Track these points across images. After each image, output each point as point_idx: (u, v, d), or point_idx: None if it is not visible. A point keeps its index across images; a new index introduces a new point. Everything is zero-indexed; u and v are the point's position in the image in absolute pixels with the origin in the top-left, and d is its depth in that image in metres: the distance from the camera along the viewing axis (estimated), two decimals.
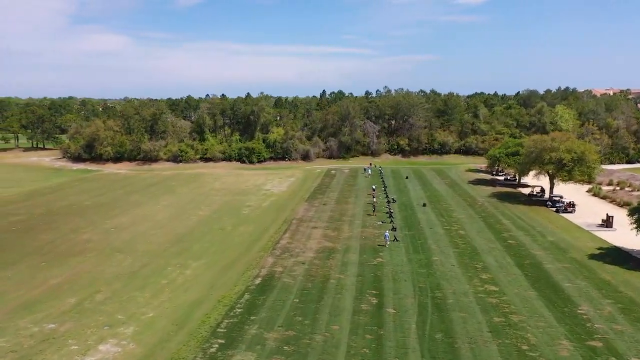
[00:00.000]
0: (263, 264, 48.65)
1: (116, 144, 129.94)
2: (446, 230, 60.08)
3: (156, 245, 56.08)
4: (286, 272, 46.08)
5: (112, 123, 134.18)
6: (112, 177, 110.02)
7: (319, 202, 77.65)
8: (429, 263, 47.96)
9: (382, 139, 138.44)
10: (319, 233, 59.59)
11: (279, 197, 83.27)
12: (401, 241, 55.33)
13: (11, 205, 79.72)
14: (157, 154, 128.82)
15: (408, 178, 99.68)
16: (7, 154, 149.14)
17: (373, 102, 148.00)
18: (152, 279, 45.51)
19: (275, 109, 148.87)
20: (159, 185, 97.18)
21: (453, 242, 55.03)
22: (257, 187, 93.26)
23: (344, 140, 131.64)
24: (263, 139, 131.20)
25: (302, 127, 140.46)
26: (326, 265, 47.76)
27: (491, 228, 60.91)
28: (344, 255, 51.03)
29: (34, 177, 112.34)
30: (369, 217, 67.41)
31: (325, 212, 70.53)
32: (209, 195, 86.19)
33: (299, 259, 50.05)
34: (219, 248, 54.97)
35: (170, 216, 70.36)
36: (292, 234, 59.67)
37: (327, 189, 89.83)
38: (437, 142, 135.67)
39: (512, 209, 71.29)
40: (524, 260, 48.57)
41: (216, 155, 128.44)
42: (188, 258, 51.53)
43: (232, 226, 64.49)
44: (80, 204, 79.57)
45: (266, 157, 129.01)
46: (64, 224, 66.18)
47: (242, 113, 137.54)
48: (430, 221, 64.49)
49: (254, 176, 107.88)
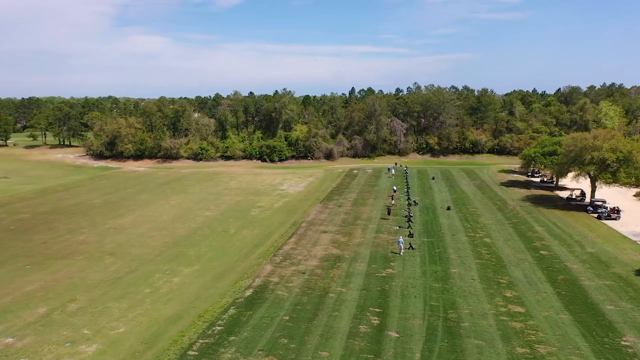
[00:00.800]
0: (259, 273, 43.75)
1: (137, 142, 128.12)
2: (470, 237, 53.71)
3: (150, 249, 52.07)
4: (282, 283, 41.02)
5: (133, 120, 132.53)
6: (129, 175, 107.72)
7: (334, 204, 72.32)
8: (445, 276, 41.95)
9: (410, 137, 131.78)
10: (327, 238, 54.30)
11: (293, 198, 78.38)
12: (417, 249, 49.43)
13: (20, 202, 77.80)
14: (177, 151, 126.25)
15: (434, 179, 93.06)
16: (34, 151, 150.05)
17: (401, 99, 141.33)
18: (134, 287, 41.30)
19: (299, 106, 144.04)
20: (173, 184, 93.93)
21: (476, 251, 48.71)
22: (273, 187, 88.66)
23: (369, 138, 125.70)
24: (285, 137, 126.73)
25: (326, 124, 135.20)
26: (328, 276, 42.45)
27: (521, 236, 54.14)
28: (350, 264, 45.57)
29: (53, 174, 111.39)
30: (385, 221, 61.62)
31: (338, 215, 65.15)
32: (221, 195, 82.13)
33: (300, 267, 44.91)
34: (216, 254, 50.44)
35: (175, 217, 66.50)
36: (299, 238, 54.61)
37: (345, 189, 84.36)
38: (469, 141, 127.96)
39: (547, 215, 64.03)
40: (558, 276, 41.89)
41: (236, 154, 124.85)
42: (180, 264, 47.20)
43: (237, 229, 59.97)
44: (88, 203, 76.88)
45: (288, 155, 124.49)
46: (64, 224, 63.20)
47: (265, 110, 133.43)
48: (453, 227, 58.19)
49: (272, 175, 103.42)
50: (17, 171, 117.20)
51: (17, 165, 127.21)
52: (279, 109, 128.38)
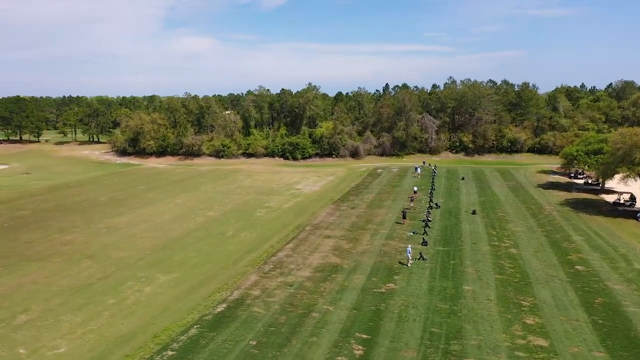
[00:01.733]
0: (240, 284, 38.36)
1: (159, 138, 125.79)
2: (493, 247, 46.50)
3: (135, 252, 47.64)
4: (262, 297, 35.45)
5: (156, 116, 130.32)
6: (146, 172, 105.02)
7: (347, 205, 66.20)
8: (456, 294, 35.26)
9: (442, 135, 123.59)
10: (329, 244, 48.36)
11: (306, 198, 72.75)
12: (428, 260, 42.78)
13: (28, 198, 75.72)
14: (198, 148, 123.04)
15: (464, 179, 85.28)
16: (63, 147, 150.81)
17: (434, 94, 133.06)
18: (99, 297, 36.72)
19: (325, 102, 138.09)
20: (186, 182, 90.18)
21: (498, 264, 41.58)
22: (288, 186, 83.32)
23: (397, 135, 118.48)
24: (309, 133, 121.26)
25: (353, 121, 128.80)
26: (318, 290, 36.57)
27: (555, 246, 46.47)
28: (347, 276, 39.51)
29: (74, 170, 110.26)
30: (399, 225, 55.07)
31: (349, 218, 59.04)
32: (231, 193, 77.47)
33: (289, 278, 39.22)
34: (203, 259, 45.42)
35: (175, 217, 62.17)
36: (298, 244, 48.93)
37: (364, 189, 78.00)
38: (507, 139, 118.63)
39: (589, 222, 55.75)
40: (595, 298, 34.43)
41: (258, 151, 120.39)
42: (160, 270, 42.43)
43: (235, 231, 54.90)
44: (93, 200, 73.86)
45: (311, 153, 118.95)
46: (59, 222, 59.97)
47: (290, 106, 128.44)
48: (475, 234, 51.02)
49: (291, 174, 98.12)
50: (41, 167, 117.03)
51: (44, 161, 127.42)
52: (303, 105, 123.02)
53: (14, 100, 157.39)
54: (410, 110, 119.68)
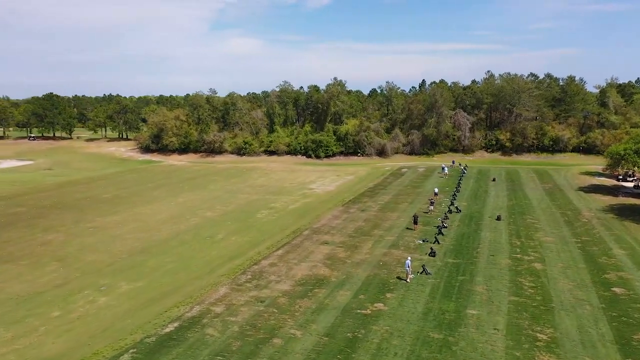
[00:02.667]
0: (205, 298, 33.10)
1: (181, 135, 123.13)
2: (514, 260, 39.32)
3: (109, 256, 43.36)
4: (223, 316, 30.04)
5: (179, 112, 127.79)
6: (162, 169, 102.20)
7: (358, 208, 60.05)
8: (456, 321, 28.70)
9: (477, 132, 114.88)
10: (324, 252, 42.48)
11: (317, 199, 67.06)
12: (433, 274, 36.22)
13: (34, 194, 73.70)
14: (220, 145, 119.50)
15: (495, 180, 77.22)
16: (92, 144, 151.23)
17: (469, 89, 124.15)
18: (45, 308, 32.38)
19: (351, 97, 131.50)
20: (198, 180, 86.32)
21: (516, 282, 34.55)
22: (302, 186, 77.86)
23: (427, 133, 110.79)
24: (334, 131, 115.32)
25: (381, 118, 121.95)
26: (291, 309, 30.82)
27: (590, 262, 38.81)
28: (331, 292, 33.56)
29: (94, 167, 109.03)
30: (409, 232, 48.52)
31: (355, 222, 52.93)
32: (239, 192, 72.77)
33: (263, 293, 33.67)
34: (178, 266, 40.54)
35: (170, 217, 57.91)
36: (288, 250, 43.33)
37: (381, 191, 71.51)
38: (549, 137, 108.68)
39: (635, 232, 47.39)
40: (634, 333, 27.06)
41: (280, 149, 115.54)
42: (126, 278, 37.82)
43: (227, 234, 49.88)
44: (95, 197, 70.88)
45: (335, 151, 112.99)
46: (48, 220, 56.84)
47: (314, 102, 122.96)
48: (495, 244, 43.86)
49: (309, 172, 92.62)
50: (65, 163, 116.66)
51: (69, 157, 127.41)
52: (327, 101, 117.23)
53: (47, 97, 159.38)
54: (442, 106, 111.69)
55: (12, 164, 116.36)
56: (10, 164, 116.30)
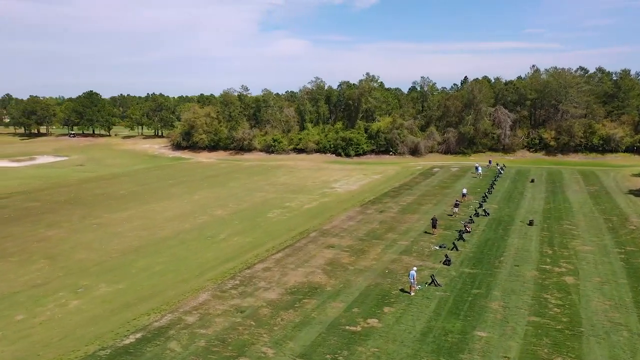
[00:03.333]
0: (181, 305, 29.87)
1: (211, 132, 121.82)
2: (542, 272, 34.03)
3: (101, 254, 41.06)
4: (193, 328, 26.66)
5: (209, 109, 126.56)
6: (186, 166, 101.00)
7: (376, 209, 55.65)
8: (458, 345, 24.11)
9: (519, 131, 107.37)
10: (326, 257, 38.53)
11: (336, 198, 63.10)
12: (443, 286, 31.60)
13: (52, 189, 73.58)
14: (249, 143, 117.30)
15: (534, 181, 70.71)
16: (128, 141, 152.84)
17: (511, 84, 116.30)
18: (11, 310, 30.16)
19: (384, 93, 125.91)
20: (219, 177, 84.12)
21: (540, 299, 29.42)
22: (324, 185, 74.04)
23: (464, 131, 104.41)
24: (365, 128, 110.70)
25: (416, 115, 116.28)
26: (270, 322, 27.09)
27: (634, 277, 33.01)
28: (322, 303, 29.60)
29: (123, 163, 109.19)
30: (427, 236, 43.80)
31: (370, 224, 48.62)
32: (258, 191, 69.78)
33: (246, 301, 30.11)
34: (167, 267, 37.64)
35: (179, 215, 55.48)
36: (289, 254, 39.65)
37: (407, 191, 66.68)
38: (598, 136, 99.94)
39: None
40: None
41: (310, 147, 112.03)
42: (109, 279, 35.22)
43: (230, 234, 46.75)
44: (111, 193, 69.71)
45: (366, 149, 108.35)
46: (55, 216, 55.68)
47: (346, 98, 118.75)
48: (522, 253, 38.54)
49: (335, 171, 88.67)
50: (97, 160, 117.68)
51: (104, 154, 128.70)
52: (358, 97, 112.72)
53: (87, 95, 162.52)
54: (480, 102, 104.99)
55: (48, 160, 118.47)
56: (46, 160, 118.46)
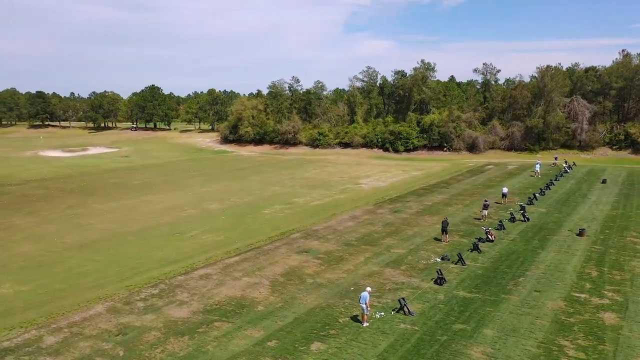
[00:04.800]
0: (59, 319, 23.32)
1: (257, 124, 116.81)
2: (572, 304, 23.58)
3: (42, 247, 36.01)
4: (39, 354, 19.84)
5: (256, 102, 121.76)
6: (222, 159, 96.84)
7: (391, 208, 46.38)
8: None
9: (600, 125, 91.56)
10: (289, 264, 30.42)
11: (353, 195, 54.57)
12: (415, 316, 22.40)
13: (72, 177, 71.84)
14: (294, 136, 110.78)
15: (605, 182, 57.39)
16: (183, 135, 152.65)
17: (592, 70, 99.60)
18: None
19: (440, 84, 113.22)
20: (246, 170, 78.50)
21: (552, 348, 19.33)
22: (350, 181, 65.56)
23: (532, 124, 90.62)
24: (417, 121, 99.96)
25: (476, 107, 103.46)
26: (144, 354, 19.61)
27: None
28: (234, 331, 21.66)
29: (168, 155, 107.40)
30: (435, 243, 34.19)
31: (370, 226, 39.67)
32: (274, 185, 62.97)
33: (142, 320, 22.88)
34: (97, 267, 31.45)
35: (168, 207, 49.96)
36: (247, 258, 32.05)
37: (441, 189, 56.48)
38: None
39: None
40: None
41: (355, 141, 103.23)
42: (18, 279, 29.68)
43: (203, 231, 39.97)
44: (123, 183, 66.37)
45: (417, 144, 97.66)
46: (48, 204, 52.58)
47: (399, 89, 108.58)
48: (554, 273, 27.94)
49: (374, 167, 79.67)
50: (145, 151, 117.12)
51: (154, 146, 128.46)
52: (410, 87, 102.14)
53: (150, 89, 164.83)
54: (552, 90, 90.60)
55: (99, 151, 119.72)
56: (97, 151, 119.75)
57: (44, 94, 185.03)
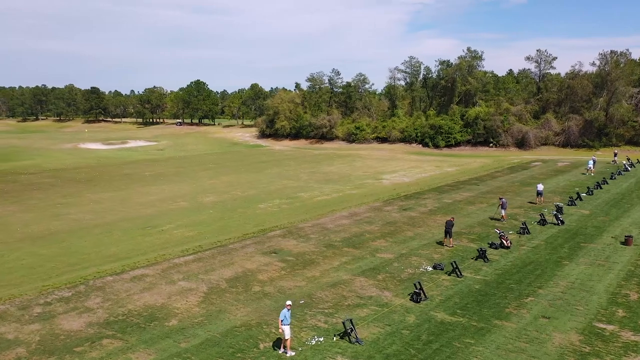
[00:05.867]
0: None
1: (293, 118, 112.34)
2: (590, 339, 16.75)
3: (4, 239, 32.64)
4: None
5: (294, 95, 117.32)
6: (250, 153, 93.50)
7: (401, 206, 40.08)
8: None
9: None
10: (245, 268, 25.20)
11: (365, 191, 48.67)
12: (363, 345, 16.43)
13: (88, 168, 70.11)
14: (329, 130, 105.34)
15: None
16: (224, 130, 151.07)
17: None
18: None
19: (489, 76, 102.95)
20: (266, 164, 74.32)
21: None
22: (372, 176, 59.54)
23: (591, 117, 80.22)
24: (461, 114, 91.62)
25: (528, 99, 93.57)
26: None
27: None
28: (110, 356, 16.57)
29: (201, 149, 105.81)
30: (435, 248, 27.78)
31: (366, 225, 33.71)
32: (286, 178, 58.23)
33: (24, 330, 18.34)
34: (33, 262, 27.75)
35: (160, 199, 46.44)
36: (203, 257, 27.15)
37: (468, 186, 49.25)
38: None
39: None
40: None
41: (393, 135, 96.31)
42: None
43: (177, 226, 35.64)
44: (136, 174, 64.01)
45: (460, 139, 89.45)
46: (36, 193, 50.25)
47: (444, 80, 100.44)
48: (577, 293, 20.94)
49: (406, 162, 72.94)
50: (181, 145, 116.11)
51: (192, 140, 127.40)
52: (453, 77, 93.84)
53: (195, 84, 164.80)
54: (616, 80, 79.79)
55: (137, 144, 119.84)
56: (135, 144, 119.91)
57: (98, 90, 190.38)
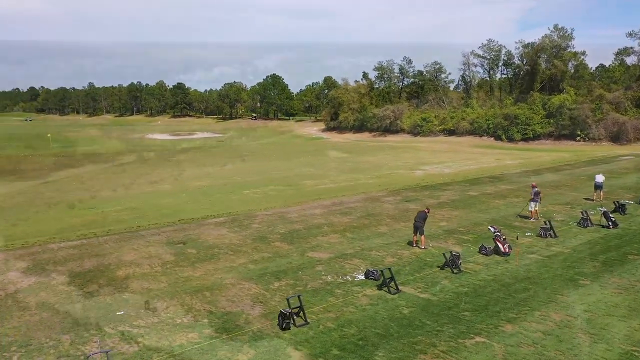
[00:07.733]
0: None
1: (356, 109, 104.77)
2: None
3: None
4: None
5: (360, 85, 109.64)
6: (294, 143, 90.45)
7: (403, 197, 31.77)
8: None
9: None
10: (122, 259, 19.15)
11: (380, 181, 40.53)
12: None
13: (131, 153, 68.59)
14: (393, 122, 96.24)
15: None
16: (295, 124, 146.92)
17: None
18: None
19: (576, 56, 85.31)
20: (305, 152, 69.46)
21: None
22: (407, 166, 51.07)
23: None
24: (543, 102, 78.19)
25: (629, 84, 77.61)
26: None
27: None
28: None
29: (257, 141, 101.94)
30: (405, 249, 19.58)
31: (342, 216, 26.24)
32: (307, 166, 52.44)
33: None
34: None
35: (156, 180, 43.28)
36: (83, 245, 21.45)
37: (511, 179, 39.05)
38: None
39: None
40: None
41: (461, 127, 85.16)
42: None
43: (129, 208, 30.55)
44: (166, 158, 61.31)
45: (540, 131, 76.15)
46: (56, 171, 48.14)
47: (526, 64, 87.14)
48: (574, 336, 11.96)
49: (464, 154, 62.67)
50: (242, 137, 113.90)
51: (258, 134, 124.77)
52: (534, 58, 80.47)
53: (272, 78, 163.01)
54: None
55: (203, 136, 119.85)
56: (201, 135, 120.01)
57: (183, 85, 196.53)
